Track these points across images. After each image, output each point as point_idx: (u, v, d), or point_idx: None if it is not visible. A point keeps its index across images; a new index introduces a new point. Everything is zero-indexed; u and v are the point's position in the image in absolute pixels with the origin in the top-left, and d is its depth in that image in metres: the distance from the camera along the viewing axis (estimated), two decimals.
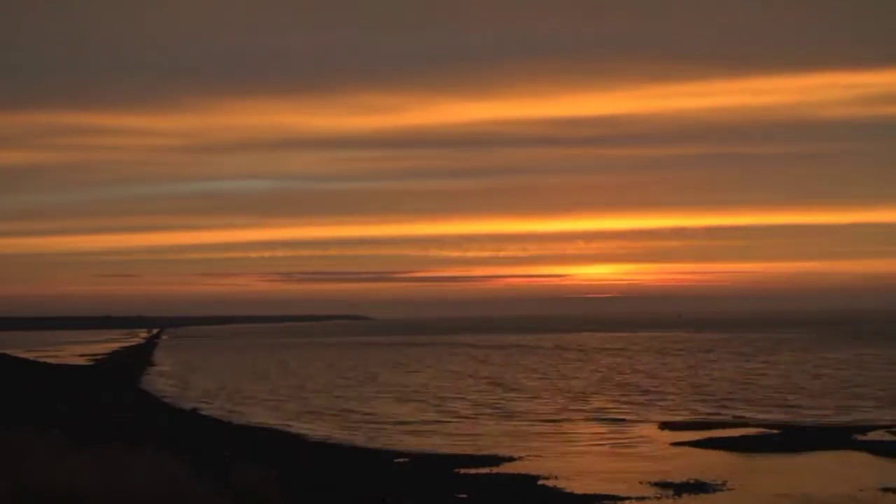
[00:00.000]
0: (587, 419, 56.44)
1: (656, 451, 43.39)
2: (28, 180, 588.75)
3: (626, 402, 65.34)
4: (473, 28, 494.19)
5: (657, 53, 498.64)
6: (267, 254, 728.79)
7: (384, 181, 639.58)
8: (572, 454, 42.69)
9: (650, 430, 50.51)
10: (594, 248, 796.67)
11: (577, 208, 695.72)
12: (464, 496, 31.47)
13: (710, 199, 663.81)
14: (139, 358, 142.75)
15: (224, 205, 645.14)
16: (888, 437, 46.00)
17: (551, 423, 54.37)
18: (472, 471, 37.07)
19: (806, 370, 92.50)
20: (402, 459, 40.58)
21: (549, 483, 34.46)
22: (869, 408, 59.17)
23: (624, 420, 55.40)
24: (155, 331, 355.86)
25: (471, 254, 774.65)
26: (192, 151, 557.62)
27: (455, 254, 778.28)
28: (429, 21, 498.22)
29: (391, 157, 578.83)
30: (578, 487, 33.67)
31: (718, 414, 57.61)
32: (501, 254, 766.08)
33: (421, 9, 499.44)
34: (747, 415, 56.59)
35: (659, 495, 32.15)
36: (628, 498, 31.74)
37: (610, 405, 63.86)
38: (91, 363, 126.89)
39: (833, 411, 57.66)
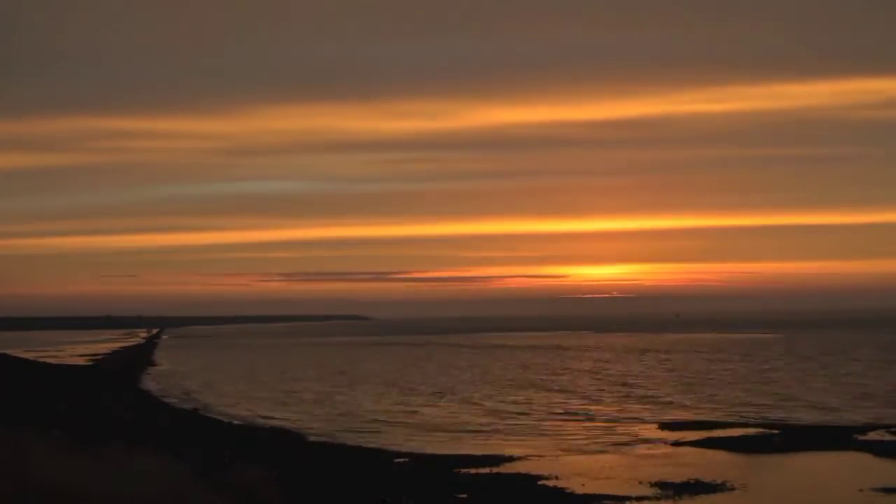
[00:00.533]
0: (588, 419, 56.45)
1: (656, 451, 43.38)
2: (30, 183, 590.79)
3: (630, 403, 65.40)
4: (501, 37, 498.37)
5: (672, 61, 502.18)
6: (281, 255, 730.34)
7: (389, 184, 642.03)
8: (572, 454, 42.68)
9: (650, 430, 50.50)
10: (595, 249, 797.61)
11: (579, 210, 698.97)
12: (464, 496, 31.44)
13: (713, 201, 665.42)
14: (139, 358, 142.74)
15: (228, 207, 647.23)
16: (888, 437, 45.99)
17: (552, 423, 54.41)
18: (472, 471, 37.04)
19: None
20: (402, 459, 40.56)
21: (549, 483, 34.43)
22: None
23: (624, 420, 55.44)
24: (155, 331, 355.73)
25: (472, 254, 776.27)
26: (209, 154, 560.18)
27: (455, 254, 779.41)
28: (457, 29, 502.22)
29: (402, 160, 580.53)
30: (578, 487, 33.66)
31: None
32: (503, 254, 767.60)
33: (454, 18, 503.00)
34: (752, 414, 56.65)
35: (659, 495, 32.13)
36: (628, 498, 31.72)
37: (611, 405, 63.90)
38: (91, 363, 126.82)
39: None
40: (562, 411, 60.80)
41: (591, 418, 56.79)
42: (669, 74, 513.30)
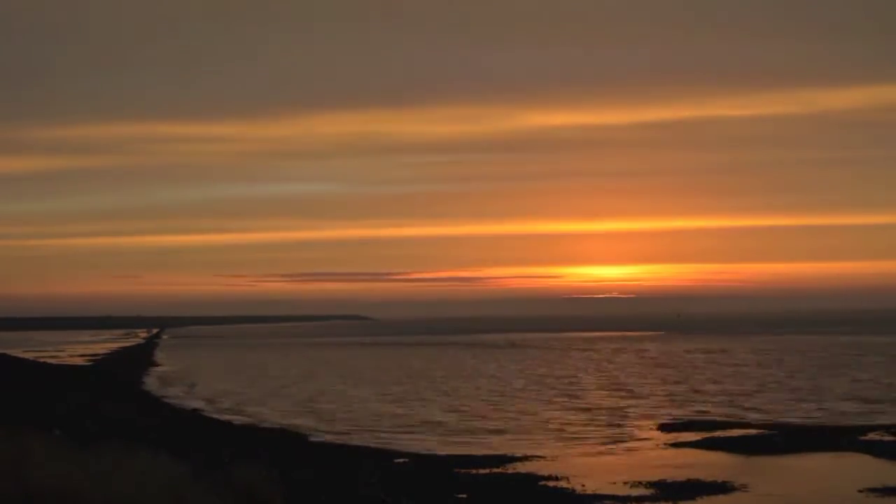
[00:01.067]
0: (588, 419, 56.44)
1: (656, 451, 43.38)
2: (35, 186, 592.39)
3: (630, 403, 65.41)
4: (526, 48, 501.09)
5: (686, 70, 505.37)
6: (282, 255, 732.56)
7: (390, 186, 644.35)
8: (572, 454, 42.68)
9: (650, 431, 50.49)
10: (595, 250, 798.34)
11: (581, 211, 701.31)
12: (464, 496, 31.45)
13: (716, 203, 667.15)
14: (140, 358, 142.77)
15: (228, 209, 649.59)
16: (888, 438, 45.96)
17: (553, 422, 54.41)
18: (472, 471, 37.05)
19: None
20: (402, 459, 40.56)
21: (550, 483, 34.43)
22: None
23: (624, 420, 55.44)
24: (155, 330, 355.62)
25: (472, 254, 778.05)
26: (213, 157, 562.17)
27: (455, 254, 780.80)
28: (485, 40, 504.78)
29: (405, 164, 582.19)
30: (579, 487, 33.65)
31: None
32: (503, 254, 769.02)
33: (485, 29, 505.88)
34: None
35: (659, 495, 32.11)
36: (628, 498, 31.72)
37: (612, 405, 63.91)
38: (91, 363, 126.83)
39: None
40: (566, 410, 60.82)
41: (591, 418, 56.81)
42: (676, 81, 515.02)
